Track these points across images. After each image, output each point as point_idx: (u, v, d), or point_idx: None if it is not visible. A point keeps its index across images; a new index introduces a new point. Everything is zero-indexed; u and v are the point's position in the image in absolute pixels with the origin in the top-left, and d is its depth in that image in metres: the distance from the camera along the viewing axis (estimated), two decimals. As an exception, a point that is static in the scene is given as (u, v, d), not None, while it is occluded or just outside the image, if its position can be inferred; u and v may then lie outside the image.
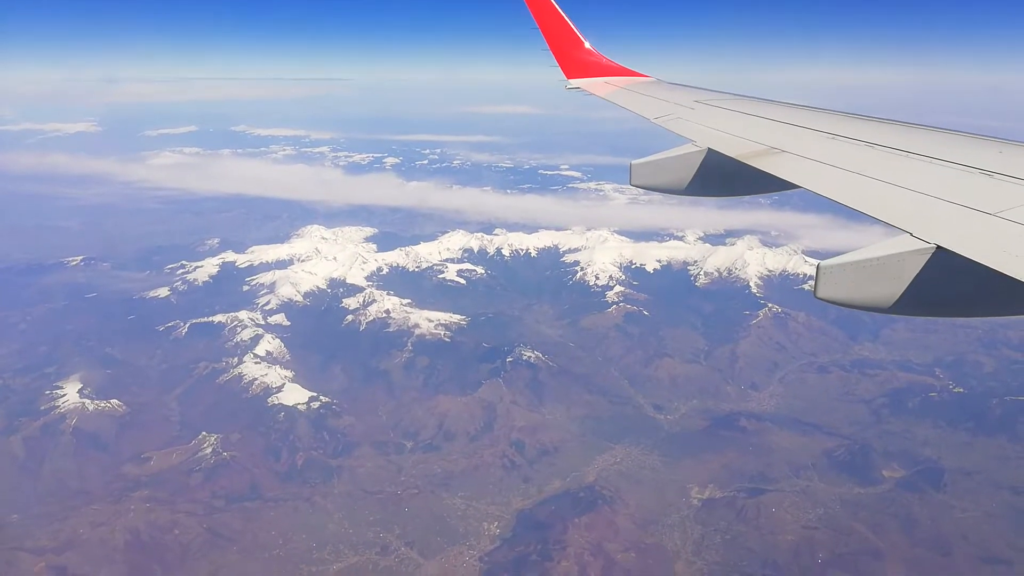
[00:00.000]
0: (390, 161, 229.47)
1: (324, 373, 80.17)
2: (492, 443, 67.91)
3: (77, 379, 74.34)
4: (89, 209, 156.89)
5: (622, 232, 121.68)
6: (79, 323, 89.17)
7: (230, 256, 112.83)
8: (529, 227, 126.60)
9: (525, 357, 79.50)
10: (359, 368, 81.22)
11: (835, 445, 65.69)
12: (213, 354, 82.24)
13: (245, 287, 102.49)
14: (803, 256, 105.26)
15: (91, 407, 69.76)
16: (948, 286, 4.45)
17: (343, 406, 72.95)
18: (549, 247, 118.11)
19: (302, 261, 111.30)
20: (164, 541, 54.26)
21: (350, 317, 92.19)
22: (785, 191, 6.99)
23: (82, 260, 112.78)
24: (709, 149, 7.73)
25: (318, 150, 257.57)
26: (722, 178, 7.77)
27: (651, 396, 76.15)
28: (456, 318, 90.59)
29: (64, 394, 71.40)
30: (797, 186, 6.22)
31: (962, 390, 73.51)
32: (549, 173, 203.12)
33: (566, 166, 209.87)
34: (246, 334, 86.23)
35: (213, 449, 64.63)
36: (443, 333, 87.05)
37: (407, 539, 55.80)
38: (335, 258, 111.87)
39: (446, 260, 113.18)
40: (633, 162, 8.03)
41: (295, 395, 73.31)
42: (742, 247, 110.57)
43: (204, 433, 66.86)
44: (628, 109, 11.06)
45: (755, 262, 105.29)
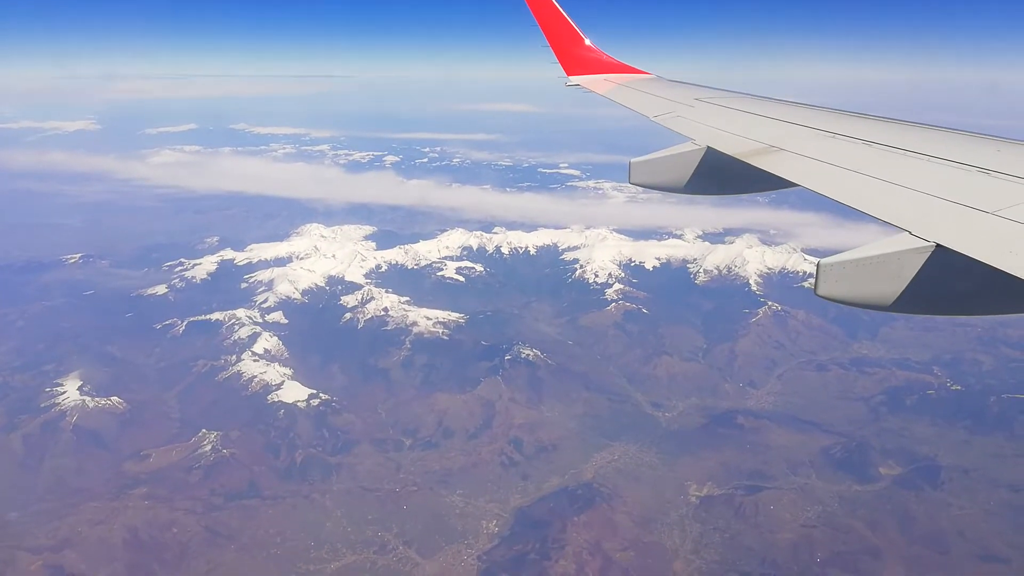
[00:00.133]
0: (390, 159, 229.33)
1: (323, 371, 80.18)
2: (491, 441, 67.95)
3: (77, 376, 74.30)
4: (88, 207, 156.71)
5: (621, 230, 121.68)
6: (78, 321, 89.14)
7: (229, 254, 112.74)
8: (528, 225, 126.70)
9: (524, 355, 79.53)
10: (358, 366, 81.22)
11: (833, 443, 65.77)
12: (212, 352, 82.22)
13: (243, 285, 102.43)
14: (802, 254, 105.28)
15: (91, 404, 69.74)
16: (947, 284, 4.47)
17: (342, 404, 72.97)
18: (548, 245, 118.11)
19: (301, 259, 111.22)
20: (163, 539, 54.26)
21: (349, 315, 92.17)
22: (784, 189, 6.99)
23: (81, 258, 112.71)
24: (708, 147, 7.73)
25: (318, 148, 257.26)
26: (721, 176, 7.77)
27: (650, 394, 76.20)
28: (455, 316, 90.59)
29: (64, 391, 71.38)
30: (796, 184, 6.23)
31: (960, 388, 73.59)
32: (548, 171, 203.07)
33: (565, 164, 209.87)
34: (244, 332, 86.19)
35: (212, 447, 64.63)
36: (442, 331, 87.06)
37: (405, 537, 55.82)
38: (334, 256, 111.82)
39: (445, 258, 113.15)
40: (632, 160, 8.03)
41: (294, 392, 73.33)
42: (741, 245, 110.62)
43: (204, 430, 66.84)
44: (628, 107, 11.06)
45: (754, 260, 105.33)
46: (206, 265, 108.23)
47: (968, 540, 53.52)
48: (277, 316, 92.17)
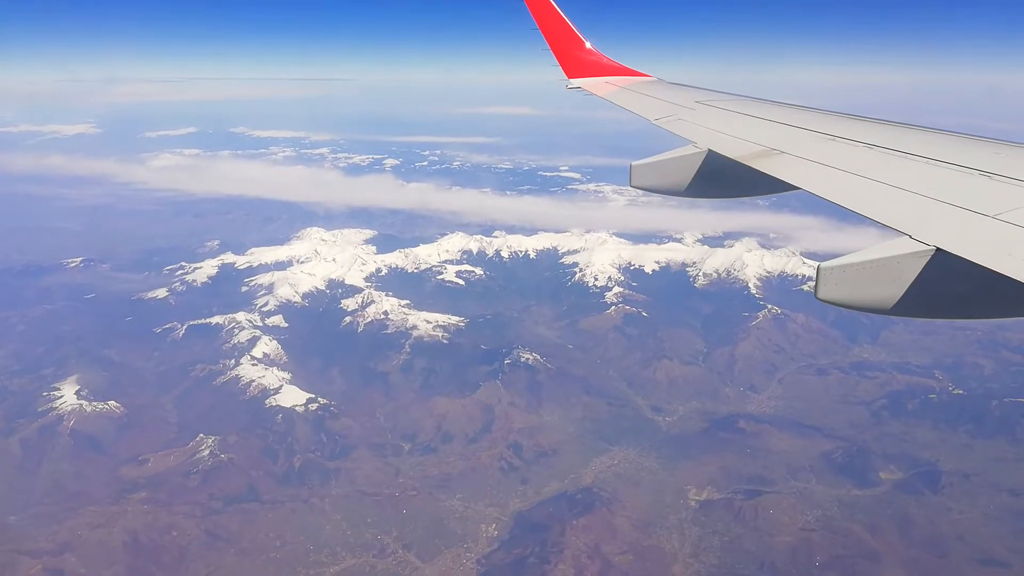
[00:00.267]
0: (390, 162, 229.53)
1: (322, 375, 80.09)
2: (490, 445, 67.87)
3: (75, 380, 74.22)
4: (88, 210, 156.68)
5: (621, 234, 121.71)
6: (77, 324, 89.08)
7: (229, 258, 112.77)
8: (528, 229, 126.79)
9: (523, 359, 79.48)
10: (357, 370, 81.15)
11: (833, 447, 65.71)
12: (211, 356, 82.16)
13: (244, 288, 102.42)
14: (802, 258, 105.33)
15: (89, 409, 69.67)
16: (948, 288, 4.45)
17: (341, 408, 72.90)
18: (548, 249, 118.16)
19: (301, 263, 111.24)
20: (162, 543, 54.16)
21: (348, 318, 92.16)
22: (784, 192, 6.98)
23: (81, 261, 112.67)
24: (709, 150, 7.72)
25: (318, 151, 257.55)
26: (722, 179, 7.76)
27: (649, 398, 76.14)
28: (454, 320, 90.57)
29: (62, 395, 71.30)
30: (797, 187, 6.21)
31: (961, 392, 73.51)
32: (548, 174, 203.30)
33: (565, 167, 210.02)
34: (244, 336, 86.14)
35: (211, 451, 64.53)
36: (441, 335, 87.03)
37: (405, 541, 55.73)
38: (334, 259, 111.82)
39: (445, 262, 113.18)
40: (633, 163, 8.02)
41: (293, 397, 73.25)
42: (741, 248, 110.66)
43: (202, 435, 66.77)
44: (628, 109, 11.05)
45: (754, 263, 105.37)
46: (206, 269, 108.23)
47: (968, 544, 53.45)
48: (277, 320, 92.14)
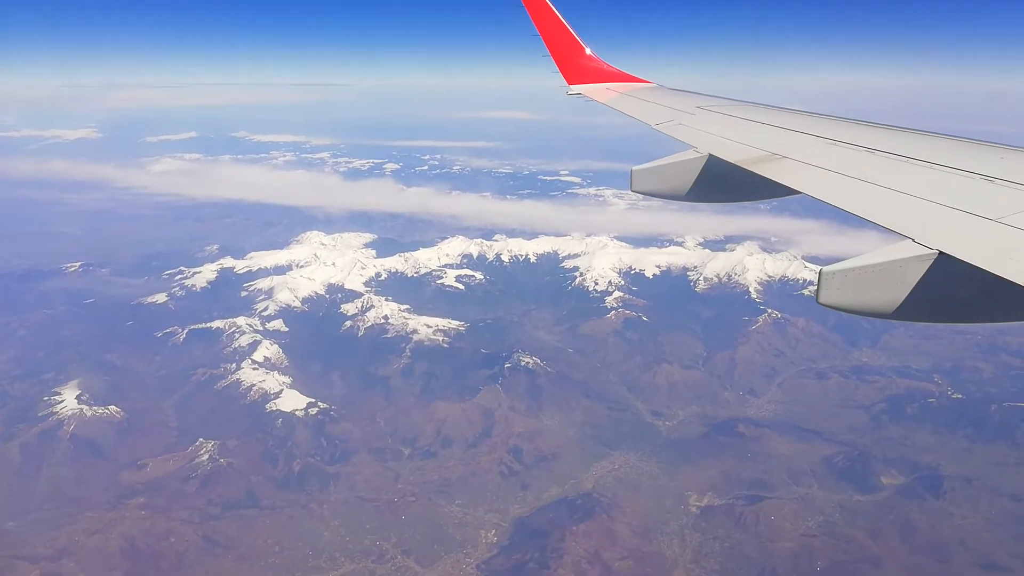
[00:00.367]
0: (390, 167, 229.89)
1: (322, 379, 80.00)
2: (490, 450, 67.75)
3: (75, 385, 74.15)
4: (88, 215, 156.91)
5: (621, 238, 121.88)
6: (77, 329, 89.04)
7: (229, 262, 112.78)
8: (528, 233, 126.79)
9: (523, 363, 79.41)
10: (357, 374, 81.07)
11: (834, 452, 65.59)
12: (211, 360, 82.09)
13: (243, 293, 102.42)
14: (803, 262, 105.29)
15: (89, 413, 69.58)
16: (950, 292, 4.43)
17: (341, 412, 72.80)
18: (548, 253, 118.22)
19: (301, 267, 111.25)
20: (160, 549, 54.01)
21: (348, 323, 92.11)
22: (786, 197, 6.95)
23: (81, 266, 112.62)
24: (710, 155, 7.70)
25: (318, 156, 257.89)
26: (723, 184, 7.74)
27: (650, 402, 76.04)
28: (455, 324, 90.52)
29: (62, 400, 71.23)
30: (798, 192, 6.19)
31: (961, 396, 73.44)
32: (549, 179, 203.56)
33: (566, 172, 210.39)
34: (244, 340, 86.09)
35: (210, 456, 64.43)
36: (441, 339, 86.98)
37: (404, 547, 55.58)
38: (334, 264, 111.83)
39: (445, 266, 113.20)
40: (634, 168, 8.00)
41: (293, 401, 73.17)
42: (741, 253, 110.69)
43: (201, 439, 66.68)
44: (629, 115, 11.04)
45: (755, 268, 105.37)
46: (206, 273, 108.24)
47: (970, 549, 53.31)
48: (277, 324, 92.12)
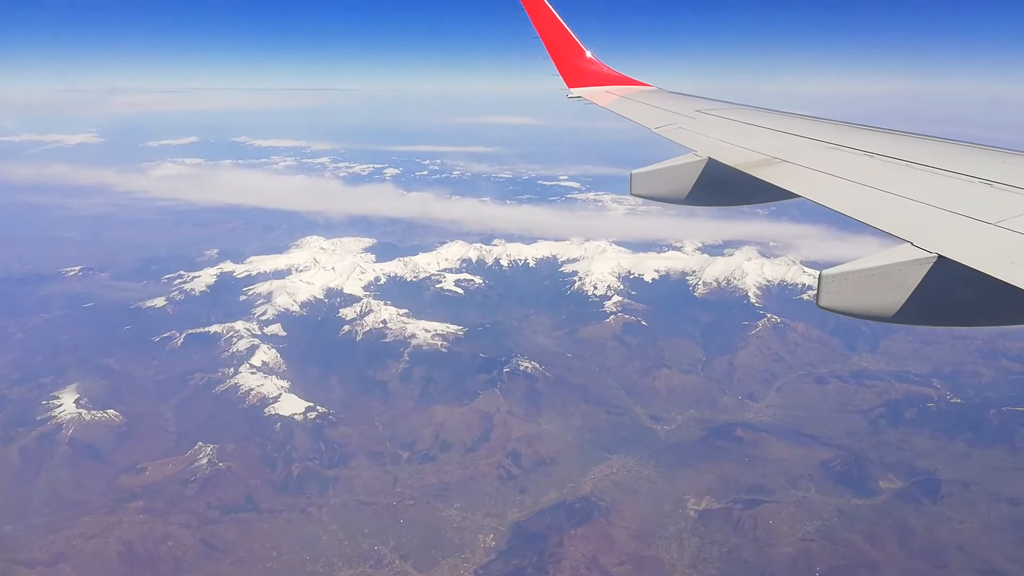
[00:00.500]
0: (390, 172, 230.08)
1: (321, 383, 79.92)
2: (488, 454, 67.68)
3: (74, 389, 74.03)
4: (88, 219, 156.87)
5: (620, 242, 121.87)
6: (76, 333, 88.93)
7: (228, 266, 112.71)
8: (527, 237, 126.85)
9: (522, 367, 79.37)
10: (356, 378, 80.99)
11: (832, 456, 65.57)
12: (209, 364, 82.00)
13: (242, 297, 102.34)
14: (801, 266, 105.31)
15: (87, 417, 69.45)
16: (950, 295, 4.44)
17: (339, 416, 72.72)
18: (547, 257, 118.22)
19: (300, 271, 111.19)
20: (158, 553, 53.88)
21: (347, 327, 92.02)
22: (785, 201, 6.97)
23: (80, 270, 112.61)
24: (709, 159, 7.71)
25: (319, 161, 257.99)
26: (722, 188, 7.74)
27: (648, 406, 76.00)
28: (453, 328, 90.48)
29: (60, 404, 71.10)
30: (798, 196, 6.20)
31: (960, 401, 73.45)
32: (548, 183, 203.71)
33: (565, 176, 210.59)
34: (242, 344, 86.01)
35: (209, 460, 64.32)
36: (440, 343, 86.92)
37: (402, 551, 55.49)
38: (333, 268, 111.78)
39: (444, 270, 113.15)
40: (633, 172, 8.01)
41: (291, 405, 73.09)
42: (740, 257, 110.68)
43: (200, 443, 66.55)
44: (629, 118, 11.05)
45: (753, 272, 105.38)
46: (205, 278, 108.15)
47: (967, 554, 53.26)
48: (276, 328, 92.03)
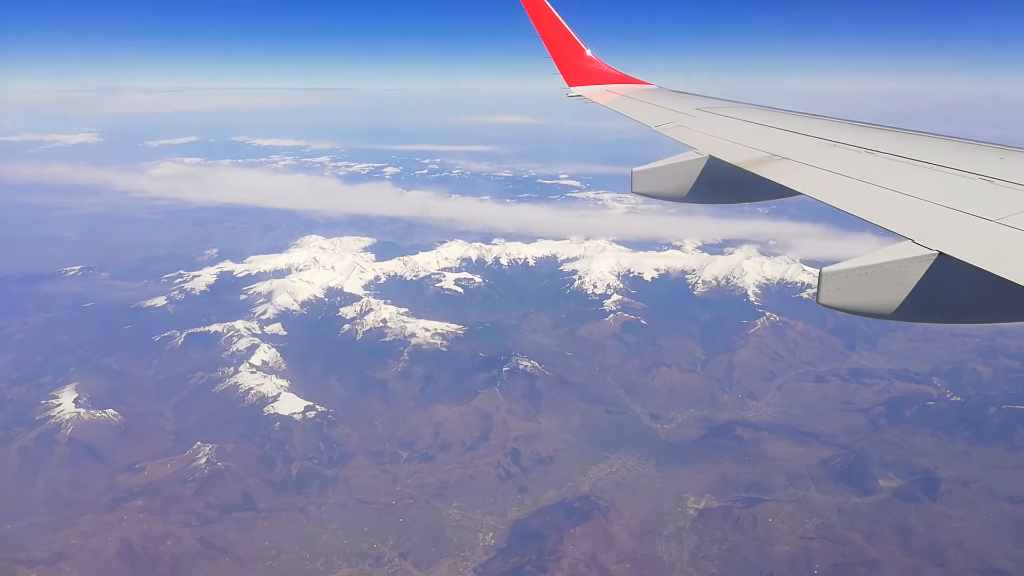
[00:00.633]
0: (390, 171, 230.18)
1: (320, 383, 79.90)
2: (488, 453, 67.68)
3: (73, 389, 74.00)
4: (88, 219, 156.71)
5: (620, 241, 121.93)
6: (76, 333, 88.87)
7: (228, 266, 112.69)
8: (527, 236, 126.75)
9: (522, 366, 79.37)
10: (355, 377, 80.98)
11: (832, 454, 65.59)
12: (209, 364, 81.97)
13: (242, 296, 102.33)
14: (801, 265, 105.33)
15: (87, 417, 69.45)
16: (950, 292, 4.44)
17: (339, 416, 72.70)
18: (547, 256, 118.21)
19: (300, 271, 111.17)
20: (156, 552, 53.86)
21: (347, 326, 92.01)
22: (785, 198, 6.96)
23: (80, 270, 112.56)
24: (710, 156, 7.71)
25: (318, 160, 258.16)
26: (723, 185, 7.74)
27: (648, 405, 76.01)
28: (453, 327, 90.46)
29: (60, 404, 71.09)
30: (798, 193, 6.20)
31: (960, 399, 73.46)
32: (548, 182, 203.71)
33: (565, 175, 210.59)
34: (242, 344, 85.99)
35: (208, 459, 64.30)
36: (440, 342, 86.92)
37: (401, 550, 55.49)
38: (333, 267, 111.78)
39: (444, 269, 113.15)
40: (634, 169, 8.00)
41: (291, 405, 73.07)
42: (740, 256, 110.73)
43: (199, 443, 66.54)
44: (629, 117, 11.05)
45: (753, 271, 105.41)
46: (205, 277, 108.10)
47: (967, 552, 53.27)
48: (275, 328, 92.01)
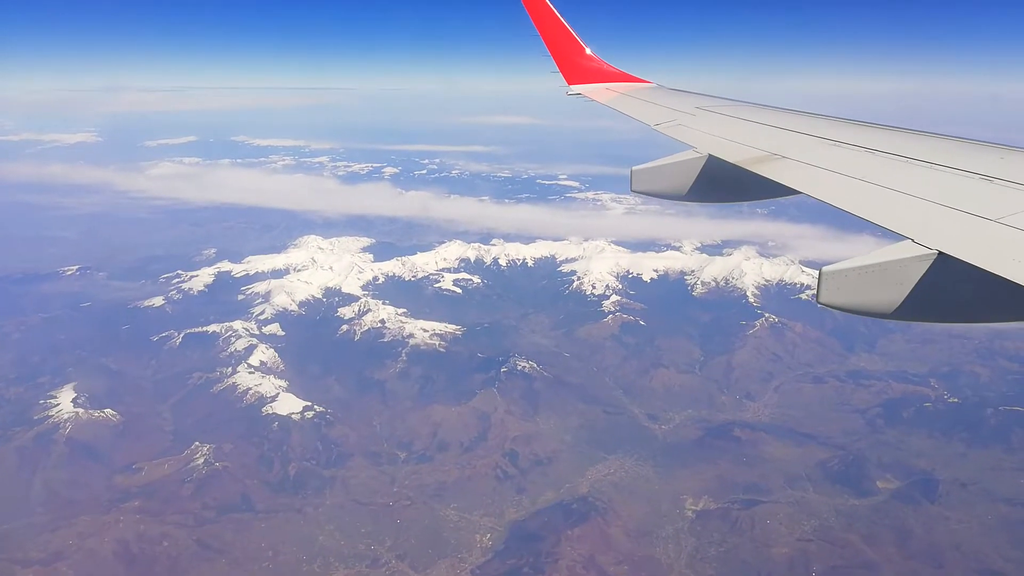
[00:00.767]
0: (389, 171, 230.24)
1: (318, 383, 79.82)
2: (486, 453, 67.65)
3: (71, 388, 73.83)
4: (86, 219, 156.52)
5: (619, 242, 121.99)
6: (74, 333, 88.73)
7: (226, 266, 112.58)
8: (526, 237, 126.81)
9: (520, 367, 79.35)
10: (353, 378, 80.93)
11: (830, 456, 65.63)
12: (207, 364, 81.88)
13: (240, 297, 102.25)
14: (800, 266, 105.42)
15: (85, 417, 69.31)
16: (950, 292, 4.43)
17: (337, 416, 72.64)
18: (546, 257, 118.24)
19: (298, 271, 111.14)
20: (153, 553, 53.76)
21: (345, 327, 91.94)
22: (783, 197, 6.94)
23: (78, 270, 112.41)
24: (710, 155, 7.69)
25: (317, 160, 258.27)
26: (723, 184, 7.73)
27: (646, 406, 76.01)
28: (451, 328, 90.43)
29: (58, 403, 70.93)
30: (798, 192, 6.18)
31: (957, 400, 73.53)
32: (547, 183, 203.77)
33: (564, 176, 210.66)
34: (240, 344, 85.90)
35: (205, 459, 64.22)
36: (438, 343, 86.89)
37: (398, 551, 55.43)
38: (331, 268, 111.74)
39: (442, 270, 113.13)
40: (634, 168, 7.99)
41: (289, 405, 72.99)
42: (739, 257, 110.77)
43: (197, 443, 66.44)
44: (629, 115, 11.03)
45: (752, 272, 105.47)
46: (203, 277, 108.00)
47: (965, 554, 53.32)
48: (274, 328, 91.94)
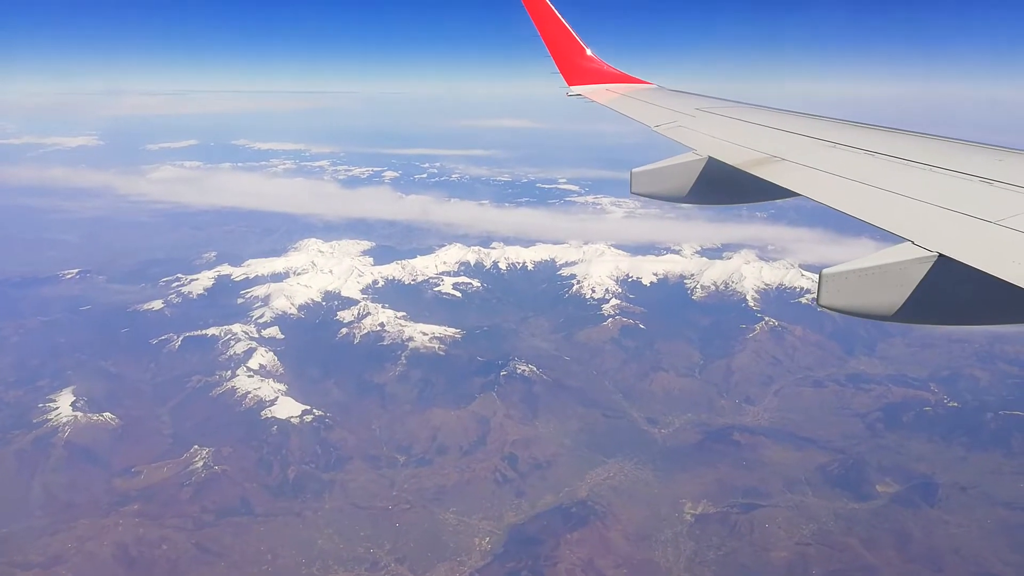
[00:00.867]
0: (389, 175, 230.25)
1: (318, 386, 79.76)
2: (485, 457, 67.58)
3: (70, 392, 73.78)
4: (86, 222, 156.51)
5: (619, 246, 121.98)
6: (73, 336, 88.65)
7: (226, 269, 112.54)
8: (526, 240, 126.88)
9: (520, 371, 79.31)
10: (353, 381, 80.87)
11: (829, 460, 65.58)
12: (206, 367, 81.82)
13: (240, 300, 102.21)
14: (799, 270, 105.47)
15: (84, 420, 69.24)
16: (950, 294, 4.42)
17: (336, 420, 72.56)
18: (546, 260, 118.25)
19: (298, 274, 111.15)
20: (152, 556, 53.66)
21: (344, 330, 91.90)
22: (783, 200, 6.95)
23: (78, 273, 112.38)
24: (710, 157, 7.70)
25: (318, 164, 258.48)
26: (723, 186, 7.74)
27: (645, 410, 75.96)
28: (451, 331, 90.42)
29: (57, 407, 70.87)
30: (798, 194, 6.18)
31: (957, 404, 73.52)
32: (547, 187, 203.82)
33: (564, 180, 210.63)
34: (240, 347, 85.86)
35: (204, 463, 64.14)
36: (438, 346, 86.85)
37: (398, 555, 55.35)
38: (331, 271, 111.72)
39: (442, 273, 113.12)
40: (634, 170, 8.00)
41: (288, 408, 72.92)
42: (738, 261, 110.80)
43: (196, 447, 66.38)
44: (629, 116, 11.04)
45: (752, 276, 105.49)
46: (203, 280, 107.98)
47: (964, 558, 53.25)
48: (273, 331, 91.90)
